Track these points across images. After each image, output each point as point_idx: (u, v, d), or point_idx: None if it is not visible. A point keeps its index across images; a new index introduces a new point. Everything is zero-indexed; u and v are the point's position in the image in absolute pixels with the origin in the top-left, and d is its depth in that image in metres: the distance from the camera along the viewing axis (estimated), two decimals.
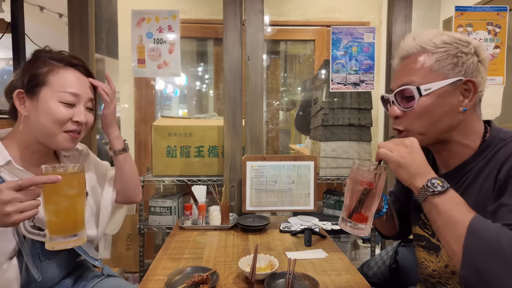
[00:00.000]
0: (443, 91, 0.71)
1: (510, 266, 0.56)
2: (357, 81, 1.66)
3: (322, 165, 1.77)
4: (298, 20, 2.61)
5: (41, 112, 0.87)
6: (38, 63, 0.90)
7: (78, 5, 1.57)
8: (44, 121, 0.87)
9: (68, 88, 0.89)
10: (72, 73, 0.91)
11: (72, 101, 0.89)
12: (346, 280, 0.96)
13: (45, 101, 0.87)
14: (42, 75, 0.88)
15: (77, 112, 0.90)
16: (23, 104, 0.89)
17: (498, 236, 0.58)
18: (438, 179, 0.67)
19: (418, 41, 0.74)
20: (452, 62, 0.71)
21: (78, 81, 0.92)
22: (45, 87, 0.88)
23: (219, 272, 0.98)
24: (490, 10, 1.63)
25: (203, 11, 2.53)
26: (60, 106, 0.87)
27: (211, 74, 2.94)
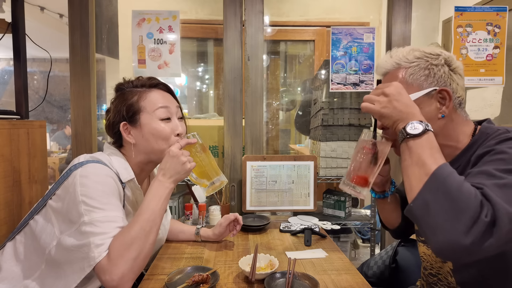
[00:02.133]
0: (419, 101, 0.77)
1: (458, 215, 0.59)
2: (357, 81, 1.67)
3: (322, 165, 1.78)
4: (298, 20, 2.62)
5: (148, 135, 0.97)
6: (126, 95, 1.00)
7: (78, 6, 1.57)
8: (154, 142, 0.97)
9: (159, 104, 0.98)
10: (156, 93, 1.01)
11: (167, 115, 0.99)
12: (346, 280, 0.96)
13: (147, 124, 0.97)
14: (135, 104, 0.98)
15: (175, 125, 1.00)
16: (129, 134, 0.99)
17: (460, 185, 0.62)
18: (418, 123, 0.70)
19: (394, 59, 0.81)
20: (424, 74, 0.78)
21: (164, 97, 1.01)
22: (142, 113, 0.97)
23: (219, 272, 0.99)
24: (489, 10, 1.64)
25: (203, 11, 2.54)
26: (160, 123, 0.97)
27: (211, 74, 2.95)
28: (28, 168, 1.34)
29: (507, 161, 0.66)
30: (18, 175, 1.27)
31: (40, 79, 4.05)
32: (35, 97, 3.66)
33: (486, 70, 1.64)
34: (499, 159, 0.67)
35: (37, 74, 4.04)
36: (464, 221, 0.59)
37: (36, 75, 4.05)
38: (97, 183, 0.87)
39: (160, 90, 1.03)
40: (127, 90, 1.01)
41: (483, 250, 0.59)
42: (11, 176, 1.23)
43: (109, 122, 1.02)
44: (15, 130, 1.26)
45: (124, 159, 0.99)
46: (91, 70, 1.61)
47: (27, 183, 1.33)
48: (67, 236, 0.84)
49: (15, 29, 1.42)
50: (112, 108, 1.01)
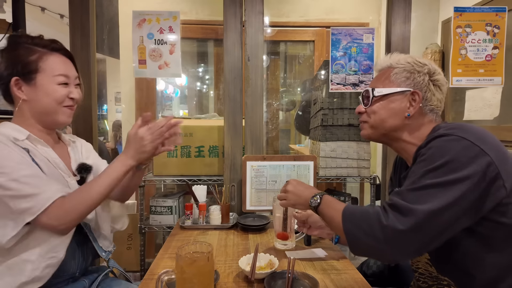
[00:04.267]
0: (393, 96, 0.89)
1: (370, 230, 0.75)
2: (356, 82, 1.67)
3: (321, 165, 1.78)
4: (298, 21, 2.62)
5: (42, 95, 0.97)
6: (22, 51, 0.97)
7: (79, 6, 1.58)
8: (47, 102, 0.98)
9: (59, 71, 0.99)
10: (57, 58, 1.01)
11: (65, 81, 1.01)
12: (346, 279, 0.97)
13: (43, 85, 0.97)
14: (33, 63, 0.97)
15: (71, 90, 1.02)
16: (20, 90, 0.97)
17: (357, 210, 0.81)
18: (314, 196, 0.93)
19: (390, 60, 0.93)
20: (405, 76, 0.89)
21: (65, 64, 1.02)
22: (39, 73, 0.97)
23: (220, 271, 0.99)
24: (489, 11, 1.64)
25: (203, 12, 2.54)
26: (57, 87, 0.99)
27: (212, 74, 2.95)
28: None
29: (427, 161, 0.75)
30: None
31: None
32: None
33: (485, 70, 1.65)
34: (422, 160, 0.77)
35: None
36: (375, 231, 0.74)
37: None
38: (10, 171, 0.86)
39: (61, 55, 1.02)
40: (24, 46, 0.98)
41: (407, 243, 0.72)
42: None
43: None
44: None
45: (12, 124, 0.97)
46: (92, 70, 1.61)
47: None
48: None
49: (16, 30, 1.42)
50: (3, 60, 0.97)
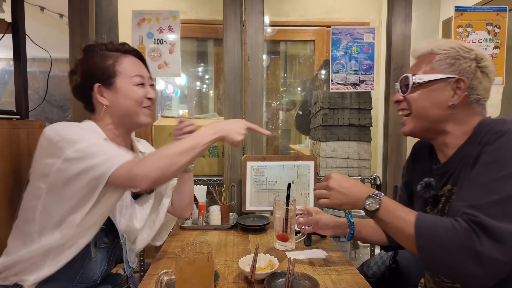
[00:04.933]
0: (435, 83, 0.82)
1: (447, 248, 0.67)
2: (357, 81, 1.67)
3: (322, 165, 1.78)
4: (298, 20, 2.62)
5: (123, 97, 1.00)
6: (98, 58, 1.00)
7: (78, 6, 1.57)
8: (128, 104, 1.00)
9: (135, 72, 1.02)
10: (130, 59, 1.04)
11: (142, 81, 1.03)
12: (346, 280, 0.96)
13: (122, 88, 1.00)
14: (111, 67, 1.00)
15: (148, 91, 1.04)
16: (102, 96, 1.00)
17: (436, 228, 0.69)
18: (370, 198, 0.80)
19: (431, 45, 0.86)
20: (449, 62, 0.82)
21: (138, 65, 1.05)
22: (117, 76, 1.00)
23: (219, 272, 0.99)
24: (489, 10, 1.64)
25: (203, 11, 2.54)
26: (135, 88, 1.01)
27: (211, 74, 2.94)
28: (28, 168, 1.33)
29: (501, 164, 0.68)
30: (18, 175, 1.27)
31: (40, 79, 4.05)
32: (35, 97, 3.66)
33: None
34: (493, 161, 0.70)
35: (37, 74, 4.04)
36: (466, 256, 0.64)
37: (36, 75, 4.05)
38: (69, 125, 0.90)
39: (133, 57, 1.05)
40: (99, 53, 1.01)
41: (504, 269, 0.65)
42: (11, 176, 1.23)
43: (77, 83, 1.02)
44: (15, 130, 1.26)
45: (95, 124, 1.00)
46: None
47: None
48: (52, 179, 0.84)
49: (15, 29, 1.42)
50: (83, 69, 1.01)
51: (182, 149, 0.87)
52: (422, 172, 0.95)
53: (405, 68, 1.66)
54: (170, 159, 0.85)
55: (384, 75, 1.75)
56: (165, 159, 0.85)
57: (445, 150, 0.86)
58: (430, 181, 0.88)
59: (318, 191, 0.89)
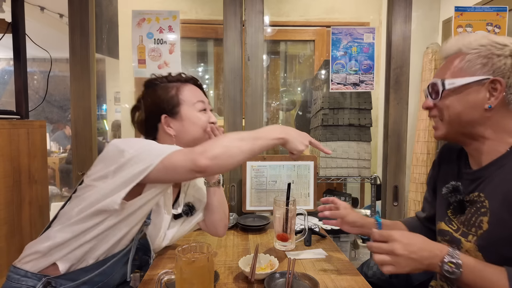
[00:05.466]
0: (468, 87, 0.77)
1: None
2: (357, 81, 1.67)
3: (322, 165, 1.78)
4: (298, 20, 2.62)
5: (189, 124, 1.04)
6: (162, 90, 1.05)
7: (78, 6, 1.57)
8: (195, 130, 1.04)
9: (197, 99, 1.06)
10: (190, 87, 1.08)
11: (204, 107, 1.07)
12: (346, 280, 0.96)
13: (187, 115, 1.04)
14: (175, 97, 1.03)
15: (209, 116, 1.08)
16: (169, 127, 1.03)
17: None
18: (447, 262, 0.70)
19: (458, 43, 0.80)
20: (481, 62, 0.76)
21: (198, 91, 1.09)
22: (181, 105, 1.04)
23: (219, 272, 0.99)
24: (489, 10, 1.64)
25: (203, 11, 2.54)
26: (199, 114, 1.05)
27: (211, 74, 2.94)
28: (28, 168, 1.34)
29: None
30: (18, 175, 1.27)
31: (40, 79, 4.05)
32: (35, 97, 3.66)
33: None
34: None
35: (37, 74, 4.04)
36: None
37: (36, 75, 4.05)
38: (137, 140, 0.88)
39: (192, 85, 1.09)
40: (161, 85, 1.06)
41: None
42: (11, 176, 1.23)
43: (141, 118, 1.06)
44: (15, 130, 1.26)
45: None
46: (91, 70, 1.61)
47: (27, 183, 1.33)
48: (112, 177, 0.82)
49: (15, 29, 1.42)
50: (147, 103, 1.05)
51: (245, 135, 0.84)
52: (447, 174, 0.92)
53: (405, 68, 1.66)
54: (231, 140, 0.82)
55: (384, 75, 1.75)
56: (226, 139, 0.82)
57: (478, 156, 0.82)
58: (458, 185, 0.84)
59: (381, 258, 0.74)
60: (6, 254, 1.20)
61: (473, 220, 0.80)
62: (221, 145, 0.80)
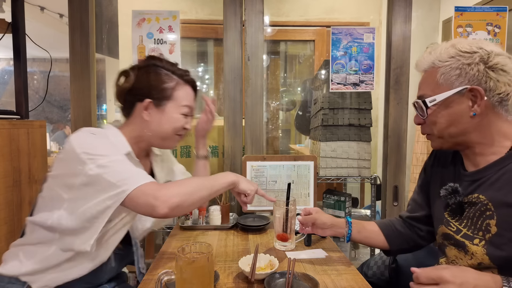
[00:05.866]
0: (449, 100, 0.79)
1: None
2: (357, 81, 1.67)
3: (322, 165, 1.78)
4: (298, 20, 2.62)
5: (165, 121, 1.01)
6: (162, 76, 1.01)
7: (78, 6, 1.57)
8: (166, 128, 1.01)
9: (186, 103, 1.04)
10: (188, 89, 1.06)
11: (188, 113, 1.05)
12: (346, 280, 0.96)
13: (170, 113, 1.01)
14: (169, 90, 1.01)
15: (187, 121, 1.06)
16: (146, 111, 1.00)
17: None
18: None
19: (431, 57, 0.82)
20: (455, 74, 0.77)
21: (191, 96, 1.07)
22: (170, 101, 1.01)
23: (219, 272, 0.99)
24: (489, 10, 1.64)
25: (203, 11, 2.54)
26: (180, 117, 1.03)
27: (211, 74, 2.94)
28: (28, 168, 1.34)
29: None
30: (18, 175, 1.27)
31: (40, 79, 4.05)
32: (35, 97, 3.66)
33: None
34: None
35: (37, 74, 4.04)
36: None
37: (36, 75, 4.05)
38: (95, 138, 0.88)
39: (190, 87, 1.07)
40: (163, 71, 1.02)
41: None
42: (11, 176, 1.23)
43: (126, 87, 1.00)
44: (15, 130, 1.26)
45: (119, 132, 0.99)
46: (91, 70, 1.61)
47: (27, 183, 1.33)
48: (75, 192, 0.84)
49: (15, 29, 1.42)
50: (141, 78, 1.00)
51: (203, 183, 0.91)
52: (443, 176, 0.93)
53: (405, 68, 1.66)
54: (191, 188, 0.87)
55: (384, 75, 1.75)
56: (186, 187, 0.86)
57: (475, 159, 0.83)
58: (456, 186, 0.85)
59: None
60: None
61: (479, 224, 0.80)
62: (184, 193, 0.84)
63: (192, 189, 0.87)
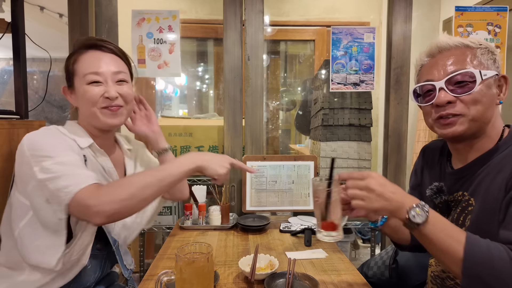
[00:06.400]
0: (489, 82, 0.75)
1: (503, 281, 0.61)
2: (357, 81, 1.67)
3: (322, 165, 1.77)
4: (298, 20, 2.61)
5: (80, 99, 0.92)
6: (68, 57, 0.95)
7: (78, 5, 1.57)
8: (84, 105, 0.92)
9: (88, 70, 0.91)
10: (90, 55, 0.93)
11: (96, 79, 0.91)
12: (346, 280, 0.96)
13: (79, 89, 0.92)
14: (71, 67, 0.93)
15: (106, 89, 0.92)
16: (70, 97, 0.96)
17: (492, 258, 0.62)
18: (416, 208, 0.69)
19: (455, 40, 0.78)
20: (492, 58, 0.76)
21: (97, 60, 0.92)
22: (75, 76, 0.93)
23: (219, 272, 0.98)
24: (490, 10, 1.63)
25: (203, 11, 2.53)
26: (88, 88, 0.91)
27: (211, 74, 2.94)
28: None
29: None
30: None
31: (39, 79, 4.05)
32: (35, 97, 3.66)
33: None
34: None
35: (36, 74, 4.04)
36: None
37: (36, 75, 4.04)
38: (45, 137, 0.85)
39: (96, 52, 0.94)
40: (71, 53, 0.96)
41: None
42: (11, 176, 1.23)
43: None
44: (15, 130, 1.26)
45: (78, 125, 0.96)
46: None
47: None
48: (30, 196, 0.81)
49: (14, 29, 1.41)
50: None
51: (149, 180, 0.79)
52: (431, 176, 0.91)
53: (405, 68, 1.66)
54: (132, 190, 0.77)
55: (384, 75, 1.75)
56: (126, 189, 0.76)
57: (466, 154, 0.81)
58: (441, 185, 0.84)
59: (353, 192, 0.75)
60: None
61: (461, 220, 0.80)
62: (123, 197, 0.75)
63: (134, 189, 0.77)
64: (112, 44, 0.97)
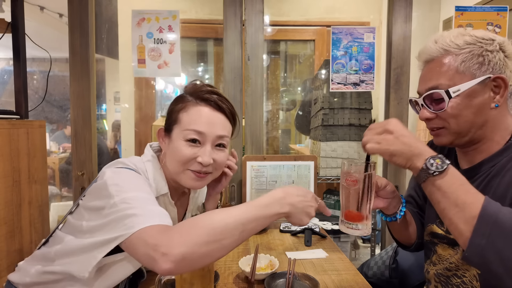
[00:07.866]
0: (472, 90, 0.71)
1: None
2: (357, 81, 1.67)
3: (322, 165, 1.77)
4: (298, 20, 2.61)
5: (171, 152, 0.85)
6: (177, 99, 0.89)
7: (78, 5, 1.57)
8: (173, 160, 0.85)
9: (192, 126, 0.83)
10: (201, 109, 0.85)
11: (195, 137, 0.83)
12: (346, 280, 0.96)
13: (174, 140, 0.85)
14: (176, 113, 0.86)
15: (202, 152, 0.83)
16: (163, 140, 0.90)
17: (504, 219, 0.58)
18: (436, 158, 0.65)
19: (440, 44, 0.74)
20: (478, 62, 0.71)
21: (206, 118, 0.84)
22: (176, 125, 0.85)
23: (219, 272, 0.98)
24: (490, 10, 1.63)
25: (203, 11, 2.53)
26: (183, 145, 0.83)
27: (211, 74, 2.94)
28: (27, 168, 1.33)
29: None
30: (17, 175, 1.27)
31: (39, 79, 4.05)
32: (35, 97, 3.65)
33: None
34: None
35: (36, 74, 4.04)
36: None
37: (36, 75, 4.04)
38: (129, 176, 0.79)
39: (208, 108, 0.86)
40: (183, 94, 0.89)
41: None
42: (11, 176, 1.23)
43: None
44: (15, 130, 1.26)
45: (159, 168, 0.89)
46: (91, 70, 1.60)
47: (26, 183, 1.32)
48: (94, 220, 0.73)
49: (14, 29, 1.41)
50: None
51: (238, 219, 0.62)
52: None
53: (405, 68, 1.66)
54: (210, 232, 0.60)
55: (384, 75, 1.75)
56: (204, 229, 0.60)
57: (472, 155, 0.79)
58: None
59: (369, 136, 0.71)
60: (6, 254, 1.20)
61: None
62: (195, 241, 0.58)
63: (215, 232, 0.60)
64: (227, 103, 0.90)
